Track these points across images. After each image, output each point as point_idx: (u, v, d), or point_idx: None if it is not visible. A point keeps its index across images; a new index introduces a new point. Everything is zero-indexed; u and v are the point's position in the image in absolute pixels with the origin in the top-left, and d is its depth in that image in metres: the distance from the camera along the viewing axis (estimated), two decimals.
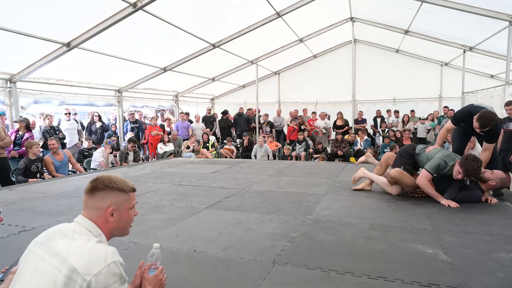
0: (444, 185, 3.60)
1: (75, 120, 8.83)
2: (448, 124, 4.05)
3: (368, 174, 4.20)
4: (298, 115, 12.00)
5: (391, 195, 3.84)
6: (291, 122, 11.50)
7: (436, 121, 10.61)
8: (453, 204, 3.39)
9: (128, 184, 1.43)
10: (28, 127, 6.59)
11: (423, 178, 3.56)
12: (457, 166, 3.36)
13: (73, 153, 7.87)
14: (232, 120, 12.15)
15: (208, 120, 11.88)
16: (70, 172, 6.29)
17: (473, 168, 3.24)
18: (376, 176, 4.13)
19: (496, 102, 7.11)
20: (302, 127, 11.26)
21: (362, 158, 4.73)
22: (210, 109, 12.95)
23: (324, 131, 11.16)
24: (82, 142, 8.49)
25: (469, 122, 3.72)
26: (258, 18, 8.34)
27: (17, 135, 6.49)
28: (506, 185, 3.45)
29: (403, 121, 10.96)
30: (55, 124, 8.64)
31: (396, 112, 11.52)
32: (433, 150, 3.74)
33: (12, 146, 6.34)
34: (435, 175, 3.55)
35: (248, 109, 12.64)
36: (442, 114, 10.66)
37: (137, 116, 10.08)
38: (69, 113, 8.55)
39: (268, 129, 11.59)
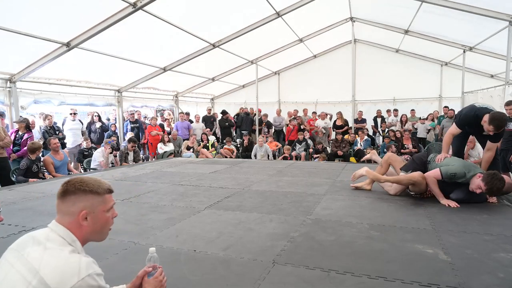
0: (446, 185, 3.57)
1: (80, 121, 8.85)
2: (454, 128, 3.98)
3: (371, 173, 4.17)
4: (298, 115, 12.01)
5: (391, 195, 3.84)
6: (290, 122, 11.51)
7: (436, 121, 10.61)
8: (453, 204, 3.39)
9: (103, 186, 1.35)
10: (28, 127, 6.59)
11: (432, 175, 3.49)
12: (479, 180, 3.24)
13: (75, 153, 7.90)
14: (236, 119, 12.14)
15: (208, 120, 11.88)
16: (70, 172, 6.29)
17: (497, 188, 3.16)
18: (378, 175, 4.10)
19: (496, 102, 7.11)
20: (302, 126, 11.26)
21: (367, 156, 4.71)
22: (210, 109, 12.95)
23: (324, 131, 11.16)
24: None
25: (475, 125, 3.71)
26: (258, 18, 8.34)
27: (17, 135, 6.49)
28: (509, 190, 3.42)
29: (401, 121, 10.96)
30: (59, 124, 8.67)
31: (395, 110, 11.51)
32: (449, 159, 3.66)
33: (11, 146, 6.35)
34: (445, 180, 3.48)
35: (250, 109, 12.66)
36: (442, 114, 10.66)
37: (137, 116, 10.09)
38: (74, 113, 8.58)
39: (266, 130, 11.60)
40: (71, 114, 8.54)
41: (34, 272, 1.12)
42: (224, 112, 12.01)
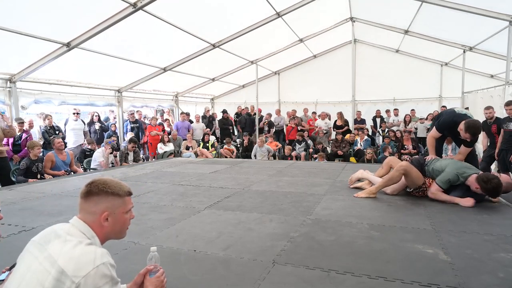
0: (449, 188, 3.59)
1: (82, 121, 8.86)
2: (434, 132, 4.17)
3: (366, 175, 4.22)
4: (296, 115, 12.01)
5: (391, 195, 3.84)
6: (289, 122, 11.52)
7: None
8: (472, 201, 3.35)
9: (124, 188, 1.42)
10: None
11: (434, 191, 3.57)
12: (475, 182, 3.32)
13: (76, 153, 7.89)
14: (236, 118, 12.13)
15: (207, 120, 11.89)
16: (71, 172, 6.29)
17: (492, 187, 3.22)
18: (373, 176, 4.14)
19: (496, 102, 7.11)
20: (299, 127, 11.26)
21: (357, 174, 4.45)
22: (209, 110, 12.93)
23: (325, 131, 11.16)
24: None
25: (453, 130, 3.89)
26: (258, 18, 8.34)
27: (16, 136, 6.50)
28: (509, 189, 3.46)
29: (405, 121, 10.94)
30: (61, 124, 8.67)
31: (395, 110, 11.50)
32: (443, 161, 3.75)
33: (11, 148, 6.36)
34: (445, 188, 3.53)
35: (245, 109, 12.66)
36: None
37: (137, 116, 10.09)
38: (77, 113, 8.58)
39: (267, 129, 11.60)
40: (74, 114, 8.55)
41: (53, 262, 1.17)
42: (224, 112, 12.00)
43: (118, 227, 1.40)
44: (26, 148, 6.05)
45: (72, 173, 6.16)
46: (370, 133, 11.32)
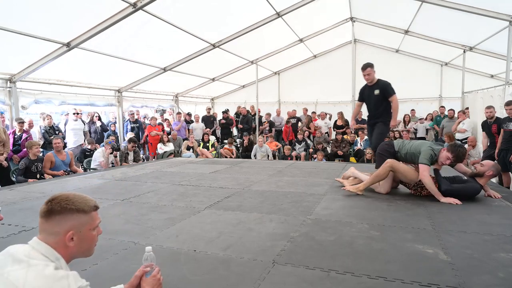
0: (449, 194, 3.59)
1: (82, 121, 8.86)
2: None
3: (357, 174, 4.24)
4: (297, 115, 12.01)
5: (391, 195, 3.84)
6: (288, 123, 11.54)
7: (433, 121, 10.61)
8: (453, 200, 3.42)
9: (89, 203, 1.28)
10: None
11: (425, 172, 3.60)
12: (445, 153, 3.62)
13: (76, 153, 7.90)
14: (237, 117, 12.12)
15: (208, 120, 11.88)
16: (70, 172, 6.29)
17: (462, 154, 3.61)
18: (364, 175, 4.12)
19: (496, 102, 7.12)
20: (298, 128, 11.26)
21: (347, 173, 4.52)
22: (210, 109, 12.94)
23: (325, 132, 11.16)
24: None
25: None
26: (258, 18, 8.34)
27: (15, 136, 6.50)
28: (499, 170, 3.68)
29: (404, 121, 10.94)
30: (61, 124, 8.68)
31: None
32: (412, 144, 3.92)
33: (11, 147, 6.36)
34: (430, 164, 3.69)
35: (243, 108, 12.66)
36: (439, 114, 10.65)
37: (136, 116, 10.10)
38: (77, 113, 8.58)
39: (268, 128, 11.60)
40: (74, 114, 8.55)
41: None
42: (225, 112, 12.00)
43: (85, 246, 1.27)
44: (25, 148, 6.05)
45: (72, 173, 6.17)
46: None
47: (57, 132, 7.72)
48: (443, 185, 3.56)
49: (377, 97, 4.82)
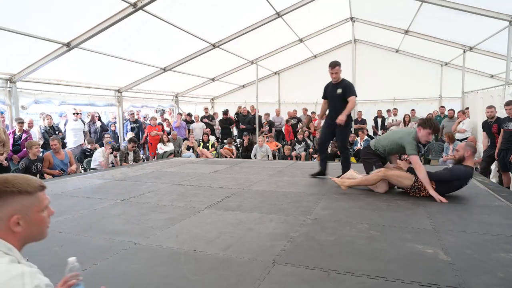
0: (444, 187, 3.65)
1: (82, 121, 8.86)
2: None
3: (355, 176, 4.29)
4: (297, 115, 12.00)
5: (391, 195, 3.85)
6: (287, 122, 11.54)
7: None
8: (440, 198, 3.51)
9: (33, 183, 1.17)
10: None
11: (418, 161, 3.75)
12: (422, 131, 3.83)
13: (76, 153, 7.91)
14: (237, 117, 12.12)
15: (210, 120, 11.90)
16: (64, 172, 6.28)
17: (435, 123, 3.88)
18: (361, 178, 4.13)
19: (496, 102, 7.12)
20: (299, 127, 11.25)
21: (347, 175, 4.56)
22: (207, 109, 12.91)
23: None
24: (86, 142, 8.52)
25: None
26: (258, 18, 8.34)
27: (15, 136, 6.50)
28: (473, 146, 3.80)
29: (404, 121, 10.94)
30: (61, 124, 8.67)
31: (395, 109, 11.49)
32: (387, 137, 4.10)
33: (11, 147, 6.36)
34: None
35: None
36: (439, 114, 10.66)
37: (137, 116, 10.10)
38: (77, 113, 8.57)
39: (267, 128, 11.59)
40: (74, 114, 8.55)
41: None
42: (225, 112, 12.00)
43: (35, 230, 1.17)
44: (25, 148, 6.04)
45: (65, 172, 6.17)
46: (371, 133, 11.31)
47: (57, 132, 7.72)
48: (433, 176, 3.66)
49: (339, 96, 4.88)
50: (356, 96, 4.86)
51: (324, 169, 5.02)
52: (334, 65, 4.98)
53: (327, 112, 5.14)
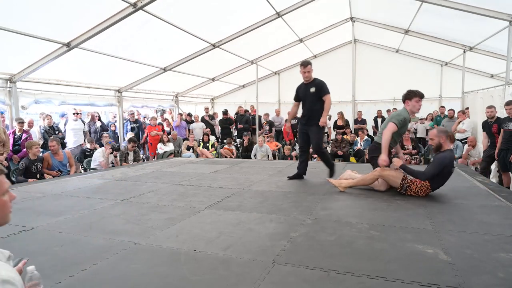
0: (438, 181, 3.70)
1: (82, 121, 8.86)
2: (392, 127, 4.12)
3: (353, 176, 4.31)
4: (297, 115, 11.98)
5: (390, 195, 3.84)
6: (287, 122, 11.53)
7: (434, 121, 10.61)
8: (384, 162, 3.78)
9: None
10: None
11: (388, 129, 3.89)
12: (410, 102, 4.04)
13: (76, 153, 7.92)
14: (236, 118, 12.11)
15: (208, 122, 11.89)
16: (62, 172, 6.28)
17: (414, 90, 4.12)
18: (359, 179, 4.13)
19: (497, 102, 7.12)
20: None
21: (344, 175, 4.60)
22: (208, 109, 12.92)
23: (326, 131, 11.16)
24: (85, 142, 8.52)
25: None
26: (258, 18, 8.34)
27: (15, 136, 6.50)
28: (446, 131, 3.85)
29: None
30: (61, 124, 8.68)
31: (394, 109, 11.47)
32: (387, 121, 4.15)
33: (11, 147, 6.36)
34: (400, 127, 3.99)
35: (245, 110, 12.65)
36: (439, 114, 10.65)
37: (137, 116, 10.10)
38: (77, 113, 8.58)
39: (268, 128, 11.59)
40: (74, 114, 8.55)
41: None
42: (225, 112, 12.00)
43: None
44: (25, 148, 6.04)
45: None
46: (371, 133, 11.31)
47: (57, 132, 7.72)
48: (426, 175, 3.67)
49: (313, 95, 4.77)
50: (329, 94, 4.78)
51: (302, 172, 4.94)
52: (306, 64, 4.84)
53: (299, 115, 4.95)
